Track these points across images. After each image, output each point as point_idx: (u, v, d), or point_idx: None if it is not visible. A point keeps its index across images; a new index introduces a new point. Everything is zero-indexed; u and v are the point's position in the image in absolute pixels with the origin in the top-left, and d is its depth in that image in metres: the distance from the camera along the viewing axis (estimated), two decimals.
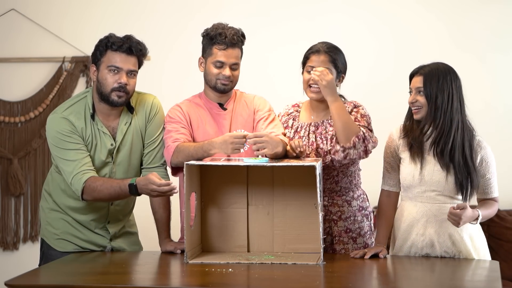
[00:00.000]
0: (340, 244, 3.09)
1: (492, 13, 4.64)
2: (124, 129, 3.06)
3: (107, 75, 2.97)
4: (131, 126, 3.08)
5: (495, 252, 4.30)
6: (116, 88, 2.96)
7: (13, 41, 4.66)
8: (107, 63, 2.97)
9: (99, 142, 3.03)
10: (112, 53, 2.97)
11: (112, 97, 2.97)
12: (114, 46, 2.97)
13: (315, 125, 3.10)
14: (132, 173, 3.09)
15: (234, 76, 3.08)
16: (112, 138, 3.05)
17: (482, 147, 2.95)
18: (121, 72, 2.97)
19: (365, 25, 4.68)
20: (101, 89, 2.98)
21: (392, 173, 3.06)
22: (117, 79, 2.96)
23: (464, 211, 2.78)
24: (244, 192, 3.03)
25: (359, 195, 3.14)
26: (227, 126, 3.10)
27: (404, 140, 3.01)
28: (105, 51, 2.98)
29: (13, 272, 2.98)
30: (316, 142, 3.06)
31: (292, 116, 3.17)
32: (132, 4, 4.69)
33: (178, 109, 3.11)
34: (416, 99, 2.95)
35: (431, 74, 2.93)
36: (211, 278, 2.61)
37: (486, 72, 4.59)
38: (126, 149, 3.07)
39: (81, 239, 3.08)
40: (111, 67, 2.96)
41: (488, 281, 2.61)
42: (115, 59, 2.97)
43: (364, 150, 2.98)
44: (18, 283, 2.58)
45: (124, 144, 3.06)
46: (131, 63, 2.99)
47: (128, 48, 2.97)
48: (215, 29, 3.05)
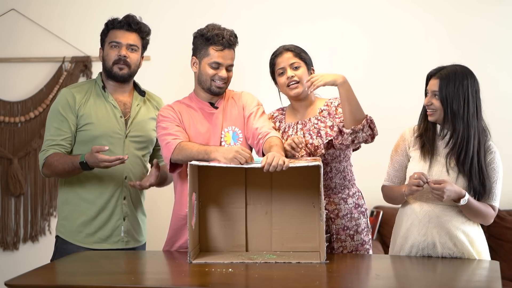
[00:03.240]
0: (338, 242, 3.10)
1: (491, 15, 4.65)
2: (137, 109, 3.30)
3: (109, 51, 3.24)
4: (142, 109, 3.32)
5: (495, 252, 4.31)
6: (117, 61, 3.21)
7: (13, 41, 4.66)
8: (109, 40, 3.25)
9: (109, 114, 3.24)
10: (113, 31, 3.25)
11: (114, 70, 3.23)
12: (114, 24, 3.24)
13: (303, 122, 3.13)
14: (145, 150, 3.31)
15: (229, 77, 3.10)
16: (122, 113, 3.26)
17: (491, 152, 2.95)
18: (121, 46, 3.22)
19: (365, 28, 4.69)
20: (105, 65, 3.25)
21: (400, 171, 3.06)
22: (117, 53, 3.22)
23: (446, 184, 2.79)
24: (243, 192, 3.03)
25: (355, 193, 3.15)
26: (219, 124, 3.11)
27: (416, 139, 3.01)
28: (107, 31, 3.26)
29: (13, 272, 2.99)
30: (305, 138, 3.07)
31: (278, 119, 3.21)
32: (132, 4, 4.69)
33: (170, 108, 3.13)
34: (432, 102, 2.94)
35: (448, 78, 2.91)
36: (211, 278, 2.62)
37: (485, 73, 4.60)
38: (139, 124, 3.27)
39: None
40: (112, 43, 3.23)
41: (488, 281, 2.61)
42: (115, 35, 3.24)
43: (371, 134, 2.98)
44: (18, 283, 2.58)
45: (138, 119, 3.28)
46: (131, 39, 3.25)
47: (127, 24, 3.23)
48: (211, 30, 3.06)
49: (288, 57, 3.11)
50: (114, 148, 3.20)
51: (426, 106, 2.97)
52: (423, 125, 3.01)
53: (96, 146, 3.04)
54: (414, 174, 2.87)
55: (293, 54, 3.11)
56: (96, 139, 3.18)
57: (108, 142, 3.19)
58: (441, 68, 2.96)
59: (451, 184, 2.83)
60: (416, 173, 2.86)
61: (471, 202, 2.87)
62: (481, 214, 2.92)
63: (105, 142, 3.18)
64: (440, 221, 2.93)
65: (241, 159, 2.79)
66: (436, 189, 2.81)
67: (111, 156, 3.06)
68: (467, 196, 2.84)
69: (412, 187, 2.85)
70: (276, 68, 3.13)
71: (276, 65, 3.13)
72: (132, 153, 3.25)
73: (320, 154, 3.05)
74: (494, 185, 2.93)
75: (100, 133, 3.19)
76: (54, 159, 3.15)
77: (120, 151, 3.21)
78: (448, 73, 2.92)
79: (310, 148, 3.06)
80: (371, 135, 2.98)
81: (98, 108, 3.22)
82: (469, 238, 2.93)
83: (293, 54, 3.11)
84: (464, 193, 2.84)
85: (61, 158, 3.15)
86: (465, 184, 2.90)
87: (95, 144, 3.15)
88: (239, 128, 3.13)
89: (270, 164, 2.75)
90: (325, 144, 3.05)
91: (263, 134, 3.04)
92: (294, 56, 3.11)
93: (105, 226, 3.22)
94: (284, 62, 3.10)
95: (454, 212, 2.93)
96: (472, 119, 2.90)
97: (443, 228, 2.93)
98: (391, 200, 3.09)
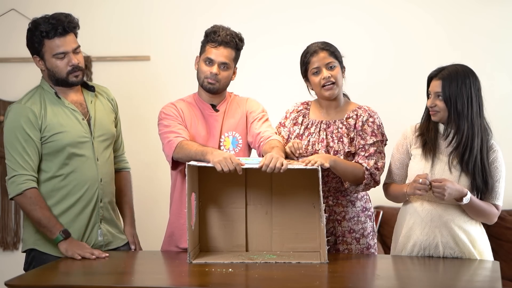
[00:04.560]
0: (344, 244, 3.08)
1: (491, 15, 4.64)
2: (93, 107, 3.11)
3: (56, 62, 2.99)
4: (96, 104, 3.13)
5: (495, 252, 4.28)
6: (71, 70, 3.00)
7: (13, 41, 4.65)
8: (51, 52, 2.99)
9: (71, 119, 3.04)
10: (50, 41, 2.98)
11: (70, 79, 3.02)
12: (50, 34, 2.97)
13: (327, 123, 3.09)
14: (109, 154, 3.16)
15: (223, 76, 3.08)
16: (81, 114, 3.07)
17: (494, 150, 2.94)
18: (69, 54, 2.99)
19: (364, 28, 4.68)
20: (55, 76, 3.02)
21: (401, 169, 3.06)
22: (67, 63, 3.00)
23: (446, 182, 2.78)
24: (243, 192, 3.03)
25: (363, 196, 3.13)
26: (218, 128, 3.12)
27: (418, 138, 3.00)
28: (41, 41, 2.99)
29: (13, 272, 2.98)
30: (327, 139, 3.05)
31: (302, 113, 3.16)
32: (132, 4, 4.69)
33: (172, 106, 3.13)
34: (435, 104, 2.92)
35: (450, 78, 2.90)
36: (211, 278, 2.61)
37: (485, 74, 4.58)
38: (101, 122, 3.11)
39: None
40: (57, 55, 2.98)
41: (489, 282, 2.61)
42: (56, 44, 2.98)
43: (374, 182, 3.01)
44: (18, 283, 2.58)
45: (98, 118, 3.11)
46: (72, 41, 3.01)
47: (63, 30, 2.98)
48: (211, 28, 3.09)
49: (323, 56, 3.04)
50: (85, 153, 3.05)
51: (429, 108, 2.96)
52: (425, 124, 3.00)
53: (87, 249, 2.93)
54: (418, 177, 2.84)
55: (328, 53, 3.05)
56: (65, 148, 3.01)
57: (77, 148, 3.03)
58: (441, 69, 2.96)
59: (452, 182, 2.83)
60: (421, 177, 2.84)
61: (473, 201, 2.86)
62: (484, 213, 2.91)
63: (75, 149, 3.03)
64: (443, 220, 2.92)
65: (225, 166, 2.76)
66: (437, 187, 2.80)
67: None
68: (469, 195, 2.84)
69: (416, 190, 2.84)
70: (311, 67, 3.05)
71: (310, 64, 3.05)
72: (101, 155, 3.10)
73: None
74: (497, 183, 2.93)
75: (68, 141, 3.01)
76: (33, 199, 2.94)
77: (91, 154, 3.06)
78: (450, 73, 2.91)
79: (330, 151, 3.03)
80: (375, 183, 3.01)
81: (59, 116, 3.03)
82: (471, 238, 2.93)
83: (328, 53, 3.05)
84: (466, 192, 2.83)
85: (40, 208, 2.94)
86: (468, 183, 2.90)
87: (65, 153, 3.00)
88: (239, 134, 3.13)
89: (267, 166, 2.75)
90: (346, 152, 3.03)
91: (265, 137, 3.04)
92: (329, 56, 3.05)
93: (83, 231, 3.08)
94: (319, 62, 3.04)
95: (456, 211, 2.92)
96: (476, 118, 2.90)
97: (446, 228, 2.92)
98: (392, 198, 3.09)
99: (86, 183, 3.04)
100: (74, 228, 3.03)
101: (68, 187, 3.03)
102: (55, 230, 2.94)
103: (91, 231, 3.07)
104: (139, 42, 4.71)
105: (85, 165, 3.04)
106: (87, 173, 3.04)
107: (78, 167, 3.02)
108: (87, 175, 3.04)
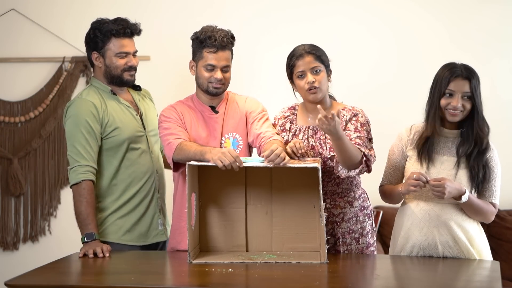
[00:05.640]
0: (344, 245, 3.08)
1: (493, 14, 4.64)
2: (141, 104, 3.32)
3: (117, 60, 3.20)
4: (144, 103, 3.35)
5: (495, 252, 4.30)
6: (127, 69, 3.22)
7: (13, 41, 4.66)
8: (115, 50, 3.20)
9: (127, 115, 3.22)
10: (117, 40, 3.21)
11: (125, 77, 3.22)
12: (119, 33, 3.20)
13: (313, 129, 3.09)
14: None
15: (226, 78, 3.09)
16: (134, 110, 3.27)
17: (490, 149, 2.94)
18: (129, 55, 3.23)
19: (366, 28, 4.68)
20: (111, 72, 3.22)
21: (396, 171, 3.06)
22: (127, 62, 3.22)
23: (445, 180, 2.78)
24: (243, 192, 3.03)
25: (360, 195, 3.13)
26: (218, 130, 3.12)
27: (414, 139, 3.00)
28: (108, 38, 3.20)
29: (13, 272, 2.99)
30: (316, 147, 3.05)
31: (289, 119, 3.15)
32: (132, 4, 4.69)
33: (172, 109, 3.14)
34: (462, 103, 2.89)
35: (474, 77, 2.89)
36: (211, 278, 2.62)
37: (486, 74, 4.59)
38: (150, 119, 3.31)
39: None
40: (120, 53, 3.20)
41: (488, 282, 2.61)
42: (122, 44, 3.21)
43: (367, 170, 2.98)
44: (18, 283, 2.58)
45: (147, 114, 3.31)
46: (134, 45, 3.26)
47: (131, 32, 3.23)
48: (204, 32, 3.06)
49: (309, 60, 3.02)
50: (141, 146, 3.22)
51: (453, 108, 2.91)
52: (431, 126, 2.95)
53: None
54: (412, 174, 2.86)
55: (314, 57, 3.03)
56: (125, 142, 3.17)
57: (135, 142, 3.21)
58: (464, 68, 2.92)
59: (451, 180, 2.83)
60: (415, 173, 2.85)
61: (471, 199, 2.87)
62: (481, 211, 2.91)
63: (133, 143, 3.20)
64: (441, 220, 2.93)
65: (225, 160, 2.78)
66: (437, 186, 2.80)
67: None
68: (468, 193, 2.84)
69: (409, 187, 2.84)
70: (296, 70, 3.05)
71: (295, 67, 3.05)
72: (154, 148, 3.29)
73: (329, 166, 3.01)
74: (493, 182, 2.93)
75: (127, 136, 3.18)
76: (83, 192, 3.07)
77: (146, 147, 3.24)
78: (471, 71, 2.91)
79: (321, 158, 3.01)
80: (367, 170, 2.98)
81: (117, 112, 3.20)
82: (469, 236, 2.93)
83: (314, 57, 3.03)
84: (464, 190, 2.84)
85: (87, 203, 3.07)
86: (466, 182, 2.90)
87: (124, 147, 3.17)
88: (239, 134, 3.13)
89: (273, 151, 2.76)
90: (331, 157, 3.01)
91: (266, 138, 3.05)
92: (315, 60, 3.03)
93: (141, 222, 3.23)
94: (304, 66, 3.02)
95: (454, 210, 2.93)
96: (483, 115, 2.92)
97: (445, 227, 2.92)
98: (388, 199, 3.09)
99: (145, 175, 3.22)
100: (135, 219, 3.19)
101: (128, 179, 3.19)
102: (85, 230, 3.06)
103: (152, 220, 3.24)
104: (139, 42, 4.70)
105: (142, 158, 3.23)
106: (144, 165, 3.22)
107: (136, 160, 3.20)
108: (145, 167, 3.23)
